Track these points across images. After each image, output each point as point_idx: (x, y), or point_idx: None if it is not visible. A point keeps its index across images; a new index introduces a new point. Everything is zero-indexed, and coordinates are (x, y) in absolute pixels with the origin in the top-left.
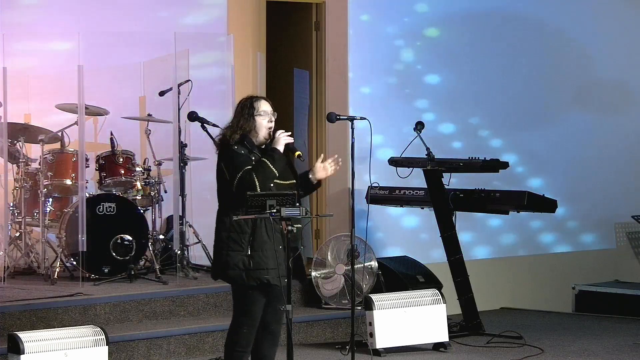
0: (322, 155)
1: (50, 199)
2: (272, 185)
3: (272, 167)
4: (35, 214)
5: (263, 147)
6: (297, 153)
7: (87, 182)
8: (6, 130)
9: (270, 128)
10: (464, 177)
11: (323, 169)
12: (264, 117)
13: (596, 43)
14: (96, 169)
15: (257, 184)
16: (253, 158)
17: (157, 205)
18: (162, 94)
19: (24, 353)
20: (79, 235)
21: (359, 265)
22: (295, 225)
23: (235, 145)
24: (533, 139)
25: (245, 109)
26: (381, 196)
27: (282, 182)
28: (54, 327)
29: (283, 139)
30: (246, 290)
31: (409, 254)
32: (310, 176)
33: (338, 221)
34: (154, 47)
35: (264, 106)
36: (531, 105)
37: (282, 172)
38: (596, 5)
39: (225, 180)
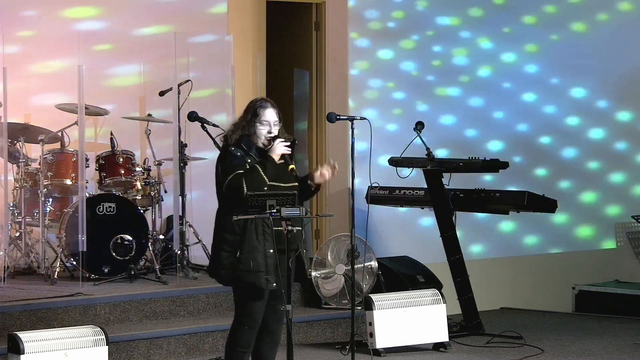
0: (319, 165)
1: (50, 199)
2: (265, 189)
3: (262, 174)
4: (35, 214)
5: (266, 149)
6: (291, 167)
7: (87, 182)
8: (6, 130)
9: (268, 138)
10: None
11: (320, 176)
12: (264, 127)
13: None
14: (96, 169)
15: (245, 188)
16: (249, 160)
17: (157, 205)
18: (162, 94)
19: (24, 353)
20: (79, 235)
21: (359, 265)
22: (295, 227)
23: (232, 146)
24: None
25: (249, 113)
26: (381, 196)
27: (282, 184)
28: (54, 327)
29: (280, 148)
30: (241, 290)
31: (409, 254)
32: (309, 182)
33: (338, 221)
34: (154, 47)
35: (268, 115)
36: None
37: (282, 174)
38: None
39: (219, 180)
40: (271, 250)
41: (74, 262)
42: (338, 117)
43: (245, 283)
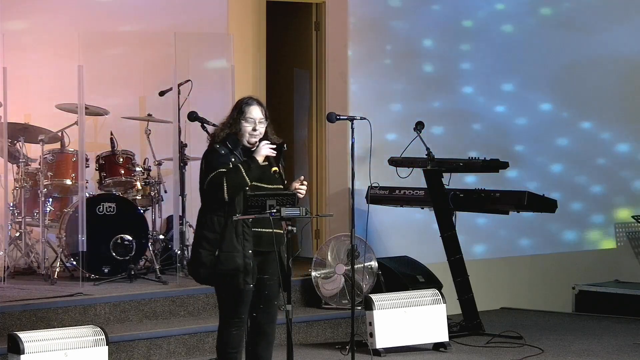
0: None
1: (50, 199)
2: (247, 189)
3: (244, 175)
4: (35, 214)
5: (252, 149)
6: (274, 169)
7: (87, 182)
8: (6, 130)
9: (253, 135)
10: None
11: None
12: (249, 124)
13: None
14: (96, 169)
15: (225, 188)
16: (233, 159)
17: (157, 205)
18: (162, 94)
19: (24, 353)
20: (79, 235)
21: (359, 265)
22: (294, 228)
23: (217, 144)
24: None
25: (235, 111)
26: (381, 196)
27: (266, 185)
28: (54, 327)
29: (264, 150)
30: (223, 290)
31: (409, 254)
32: None
33: (338, 221)
34: (154, 47)
35: (253, 112)
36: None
37: (266, 176)
38: None
39: (202, 177)
40: (250, 251)
41: (74, 262)
42: (338, 117)
43: (223, 282)
